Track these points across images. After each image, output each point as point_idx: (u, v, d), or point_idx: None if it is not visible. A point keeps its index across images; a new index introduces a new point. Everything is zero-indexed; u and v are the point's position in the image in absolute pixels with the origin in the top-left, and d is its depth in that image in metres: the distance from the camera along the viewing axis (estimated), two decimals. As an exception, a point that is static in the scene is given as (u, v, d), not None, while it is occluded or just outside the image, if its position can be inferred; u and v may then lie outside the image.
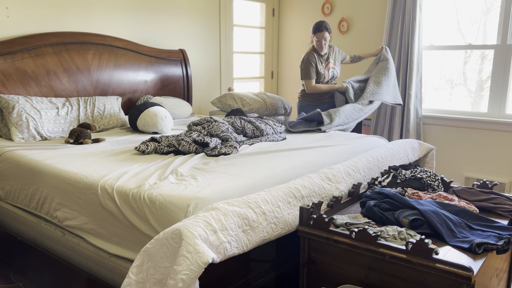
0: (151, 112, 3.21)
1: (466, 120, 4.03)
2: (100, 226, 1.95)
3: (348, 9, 4.71)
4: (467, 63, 4.15)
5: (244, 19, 5.08)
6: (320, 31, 3.65)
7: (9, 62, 3.03)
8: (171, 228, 1.47)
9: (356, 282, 1.64)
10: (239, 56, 5.05)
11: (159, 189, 1.80)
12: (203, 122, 2.81)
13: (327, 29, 3.67)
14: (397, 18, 4.21)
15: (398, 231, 1.62)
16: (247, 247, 1.59)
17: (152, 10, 4.01)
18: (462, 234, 1.64)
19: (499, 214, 1.91)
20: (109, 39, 3.61)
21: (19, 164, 2.39)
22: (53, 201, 2.17)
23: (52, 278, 2.25)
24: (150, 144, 2.49)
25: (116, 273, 1.87)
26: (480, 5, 3.98)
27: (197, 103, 4.63)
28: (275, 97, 4.28)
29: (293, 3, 5.19)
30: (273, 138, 2.89)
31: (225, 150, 2.42)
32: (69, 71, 3.34)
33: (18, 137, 2.83)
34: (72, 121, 3.11)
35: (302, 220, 1.76)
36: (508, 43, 3.78)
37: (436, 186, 2.14)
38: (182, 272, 1.36)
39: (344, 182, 2.15)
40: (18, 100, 2.93)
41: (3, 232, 2.56)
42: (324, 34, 3.65)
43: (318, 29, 3.65)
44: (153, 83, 3.98)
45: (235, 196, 1.81)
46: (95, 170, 2.11)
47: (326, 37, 3.68)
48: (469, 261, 1.47)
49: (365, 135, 3.09)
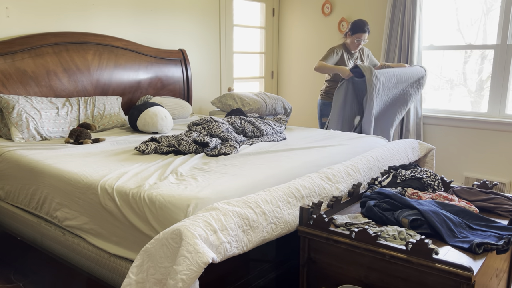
0: (151, 112, 3.21)
1: (466, 120, 4.03)
2: (100, 226, 1.95)
3: (348, 9, 4.71)
4: (467, 63, 4.15)
5: (244, 19, 5.08)
6: (363, 31, 3.66)
7: (9, 62, 3.04)
8: (171, 228, 1.47)
9: (356, 282, 1.64)
10: (239, 56, 5.05)
11: (159, 189, 1.80)
12: (203, 122, 2.81)
13: (369, 30, 3.69)
14: (397, 18, 4.21)
15: (398, 231, 1.62)
16: (247, 247, 1.59)
17: (152, 10, 4.01)
18: (462, 234, 1.64)
19: (499, 214, 1.91)
20: (109, 39, 3.61)
21: (19, 164, 2.39)
22: (53, 201, 2.17)
23: (52, 278, 2.25)
24: (150, 144, 2.49)
25: (116, 273, 1.87)
26: (480, 5, 3.98)
27: (197, 103, 4.63)
28: (275, 97, 4.28)
29: (293, 3, 5.19)
30: (273, 138, 2.89)
31: (225, 150, 2.42)
32: (69, 71, 3.34)
33: (18, 137, 2.83)
34: (72, 121, 3.11)
35: (302, 220, 1.76)
36: (508, 43, 3.78)
37: (436, 186, 2.14)
38: (182, 272, 1.36)
39: (344, 182, 2.15)
40: (18, 100, 2.93)
41: (3, 232, 2.56)
42: (365, 36, 3.68)
43: (362, 30, 3.66)
44: (153, 83, 3.98)
45: (235, 196, 1.81)
46: (95, 170, 2.11)
47: (365, 39, 3.71)
48: (469, 261, 1.47)
49: (365, 135, 3.09)
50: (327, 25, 4.90)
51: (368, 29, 3.68)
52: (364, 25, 3.66)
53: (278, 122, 3.22)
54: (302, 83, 5.26)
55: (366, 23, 3.68)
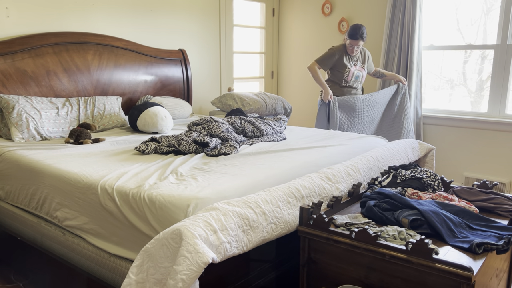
0: (151, 112, 3.21)
1: (466, 120, 4.03)
2: (100, 226, 1.95)
3: (348, 9, 4.71)
4: (467, 63, 4.15)
5: (244, 19, 5.08)
6: (355, 39, 3.61)
7: (9, 62, 3.04)
8: (171, 228, 1.47)
9: (356, 282, 1.64)
10: (239, 56, 5.05)
11: (159, 189, 1.80)
12: (203, 122, 2.81)
13: (363, 38, 3.62)
14: (397, 18, 4.21)
15: (398, 231, 1.62)
16: (247, 247, 1.59)
17: (152, 10, 4.01)
18: (462, 234, 1.64)
19: (499, 214, 1.91)
20: (109, 39, 3.61)
21: (19, 164, 2.39)
22: (53, 201, 2.17)
23: (52, 278, 2.25)
24: (150, 144, 2.49)
25: (116, 273, 1.87)
26: (480, 5, 3.98)
27: (197, 103, 4.63)
28: (275, 97, 4.28)
29: (293, 3, 5.19)
30: (273, 138, 2.89)
31: (225, 150, 2.42)
32: (69, 71, 3.34)
33: (18, 137, 2.83)
34: (72, 121, 3.11)
35: (302, 220, 1.75)
36: (508, 43, 3.78)
37: (436, 186, 2.14)
38: (182, 272, 1.36)
39: (344, 182, 2.15)
40: (18, 100, 2.93)
41: (3, 232, 2.56)
42: (358, 43, 3.64)
43: (354, 37, 3.61)
44: (153, 83, 3.98)
45: (235, 196, 1.81)
46: (95, 170, 2.11)
47: (360, 45, 3.68)
48: (469, 261, 1.47)
49: (365, 135, 3.09)
50: (327, 25, 4.90)
51: (362, 37, 3.60)
52: (357, 32, 3.59)
53: (278, 122, 3.22)
54: (302, 83, 5.25)
55: (361, 30, 3.60)
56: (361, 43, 3.66)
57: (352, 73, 3.77)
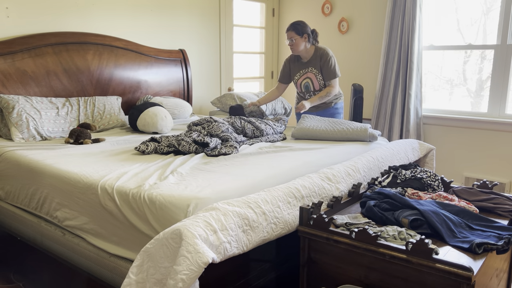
0: (151, 112, 3.21)
1: (466, 120, 4.03)
2: (100, 226, 1.95)
3: (348, 9, 4.71)
4: (467, 63, 4.15)
5: (244, 19, 5.08)
6: (286, 31, 3.26)
7: (9, 62, 3.03)
8: (171, 228, 1.47)
9: (356, 282, 1.64)
10: (239, 56, 5.05)
11: (159, 189, 1.80)
12: (203, 122, 2.81)
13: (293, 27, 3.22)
14: (397, 18, 4.21)
15: (398, 231, 1.62)
16: (247, 247, 1.59)
17: (152, 10, 4.01)
18: (462, 234, 1.64)
19: (499, 214, 1.91)
20: (109, 39, 3.61)
21: (19, 164, 2.39)
22: (53, 201, 2.17)
23: (52, 278, 2.25)
24: (150, 144, 2.49)
25: (116, 273, 1.87)
26: (480, 5, 3.98)
27: (197, 103, 4.63)
28: (275, 97, 4.28)
29: (293, 3, 5.19)
30: (273, 138, 2.89)
31: (225, 150, 2.42)
32: (69, 71, 3.34)
33: (18, 137, 2.83)
34: (72, 121, 3.11)
35: (302, 220, 1.76)
36: (508, 43, 3.78)
37: (436, 186, 2.14)
38: (182, 272, 1.36)
39: (344, 182, 2.15)
40: (18, 100, 2.93)
41: (3, 232, 2.56)
42: (290, 34, 3.23)
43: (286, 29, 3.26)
44: (153, 83, 3.98)
45: (235, 196, 1.81)
46: (95, 170, 2.11)
47: (292, 38, 3.22)
48: (469, 261, 1.47)
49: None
50: (327, 25, 4.90)
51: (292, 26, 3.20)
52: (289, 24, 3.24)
53: (278, 122, 3.22)
54: (302, 83, 5.25)
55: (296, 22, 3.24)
56: (292, 34, 3.21)
57: (300, 85, 3.43)
